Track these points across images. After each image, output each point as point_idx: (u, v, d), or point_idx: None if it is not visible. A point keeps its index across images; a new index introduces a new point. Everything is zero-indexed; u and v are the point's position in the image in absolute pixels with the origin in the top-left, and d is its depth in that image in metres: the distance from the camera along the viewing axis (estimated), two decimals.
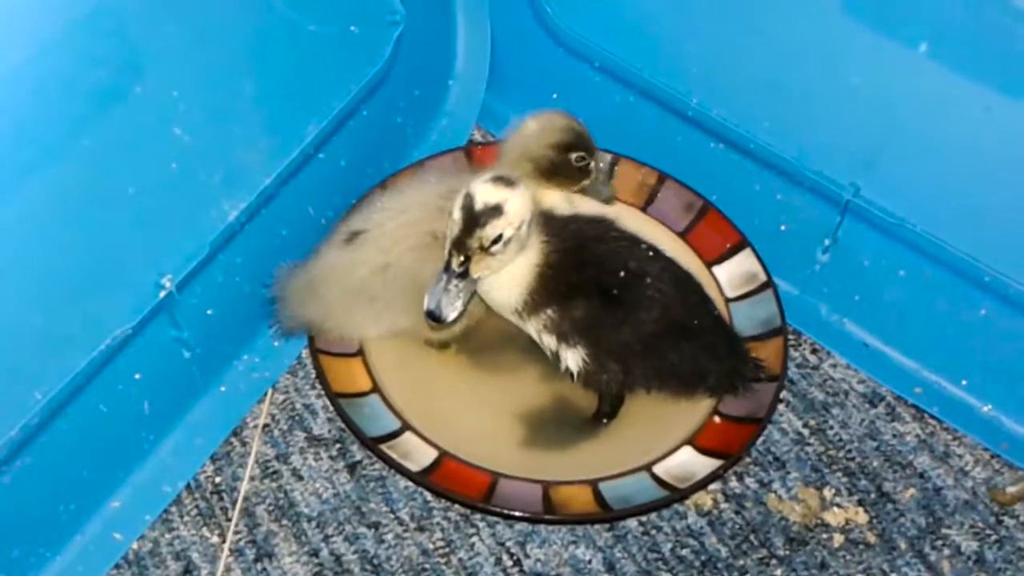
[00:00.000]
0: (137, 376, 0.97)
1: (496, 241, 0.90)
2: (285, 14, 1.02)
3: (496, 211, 0.90)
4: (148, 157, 0.93)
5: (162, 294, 0.94)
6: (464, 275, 0.91)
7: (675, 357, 0.99)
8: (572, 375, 0.99)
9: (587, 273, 0.97)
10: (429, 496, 1.03)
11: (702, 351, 1.00)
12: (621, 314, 0.97)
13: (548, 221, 0.99)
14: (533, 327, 0.99)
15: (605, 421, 1.04)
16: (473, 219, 0.89)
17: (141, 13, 0.91)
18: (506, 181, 0.91)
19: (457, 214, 0.90)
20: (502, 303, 0.98)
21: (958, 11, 0.95)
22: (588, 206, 1.06)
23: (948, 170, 1.01)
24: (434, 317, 0.91)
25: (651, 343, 0.98)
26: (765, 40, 1.08)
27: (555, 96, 1.26)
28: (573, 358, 0.98)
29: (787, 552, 1.00)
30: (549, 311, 0.97)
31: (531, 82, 1.29)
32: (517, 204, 0.91)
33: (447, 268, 0.91)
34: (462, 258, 0.91)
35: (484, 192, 0.90)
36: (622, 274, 0.97)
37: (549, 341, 0.99)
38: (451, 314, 0.91)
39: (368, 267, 1.01)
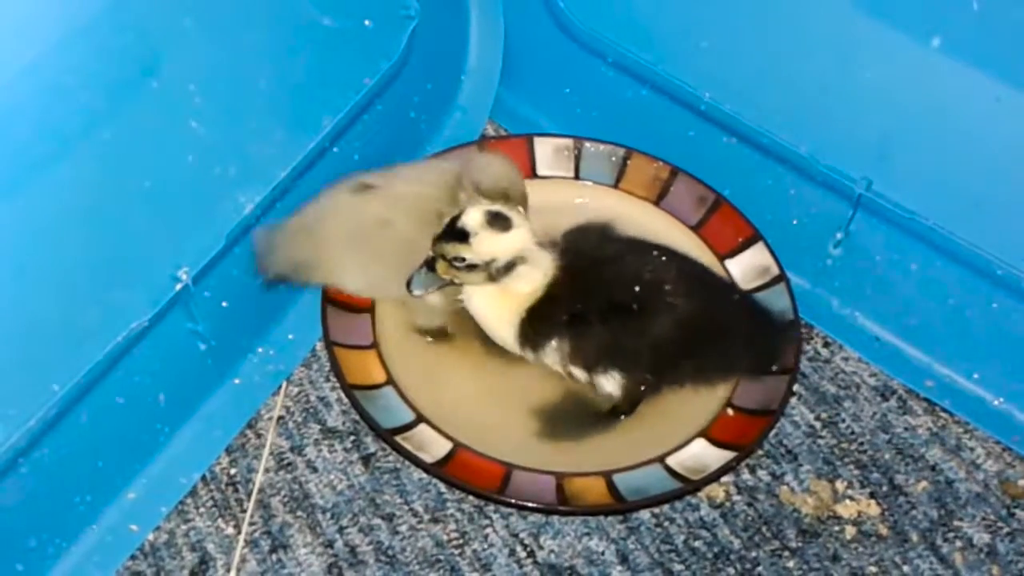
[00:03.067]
0: (153, 368, 0.97)
1: (458, 260, 0.97)
2: (300, 9, 1.02)
3: (464, 237, 0.96)
4: (165, 151, 0.94)
5: (178, 287, 0.94)
6: (432, 268, 0.99)
7: (706, 352, 1.01)
8: (614, 397, 1.02)
9: (600, 297, 0.99)
10: (443, 488, 1.03)
11: (732, 340, 1.01)
12: (645, 327, 0.99)
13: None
14: (551, 362, 1.02)
15: (623, 417, 1.04)
16: (449, 231, 0.97)
17: (159, 8, 0.91)
18: (496, 221, 0.97)
19: (446, 218, 0.98)
20: (503, 341, 1.03)
21: (969, 5, 0.95)
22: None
23: (960, 164, 1.01)
24: (408, 288, 1.00)
25: (680, 346, 0.99)
26: (777, 35, 1.09)
27: (568, 91, 1.27)
28: (610, 384, 1.01)
29: (799, 544, 1.00)
30: (554, 342, 1.00)
31: (544, 77, 1.29)
32: (485, 244, 0.97)
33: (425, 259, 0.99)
34: (431, 254, 0.98)
35: (471, 216, 0.97)
36: (637, 288, 0.99)
37: (579, 374, 1.02)
38: (416, 292, 1.01)
39: (370, 217, 1.04)
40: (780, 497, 1.03)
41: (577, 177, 1.21)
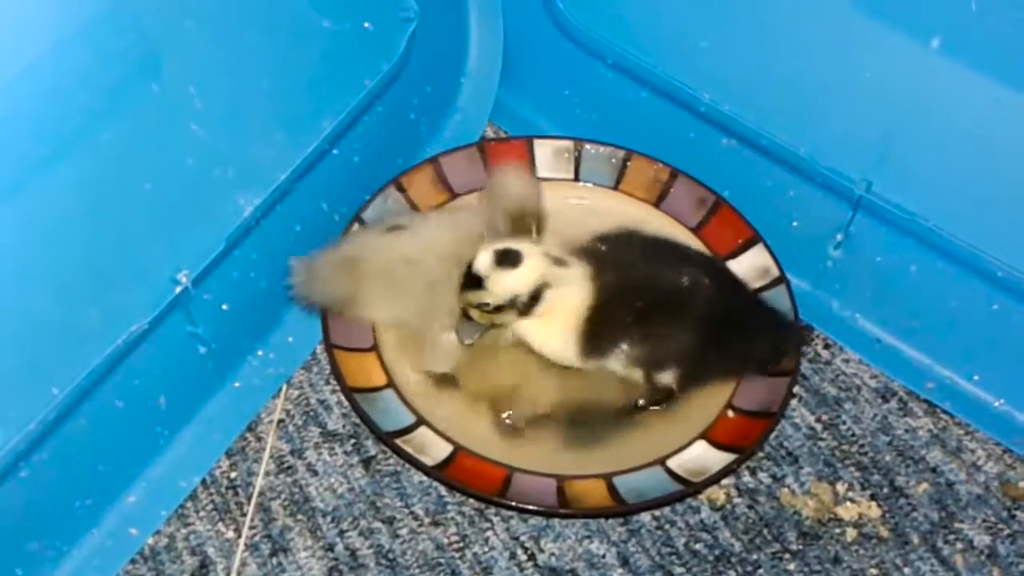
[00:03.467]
0: (153, 371, 0.97)
1: (483, 305, 0.99)
2: (300, 11, 1.02)
3: (478, 283, 0.98)
4: (165, 153, 0.93)
5: (178, 289, 0.94)
6: (469, 316, 1.00)
7: (733, 341, 1.03)
8: (670, 389, 1.04)
9: (651, 296, 1.01)
10: (443, 491, 1.03)
11: (750, 333, 1.04)
12: (693, 323, 1.01)
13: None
14: (615, 367, 1.03)
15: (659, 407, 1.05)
16: (467, 279, 0.99)
17: (159, 10, 0.91)
18: (505, 259, 0.98)
19: (462, 271, 0.99)
20: (567, 361, 1.03)
21: (969, 5, 0.95)
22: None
23: (960, 165, 1.01)
24: (459, 339, 1.02)
25: (716, 339, 1.01)
26: (777, 36, 1.09)
27: (567, 92, 1.27)
28: (667, 378, 1.03)
29: (800, 546, 1.00)
30: (624, 345, 1.01)
31: (543, 79, 1.29)
32: (500, 285, 0.98)
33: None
34: (463, 306, 1.00)
35: (480, 261, 0.98)
36: (683, 283, 1.01)
37: (637, 375, 1.03)
38: (467, 341, 1.02)
39: (396, 253, 1.05)
40: (781, 499, 1.03)
41: (577, 179, 1.20)
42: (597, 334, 1.01)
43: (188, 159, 0.95)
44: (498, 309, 0.99)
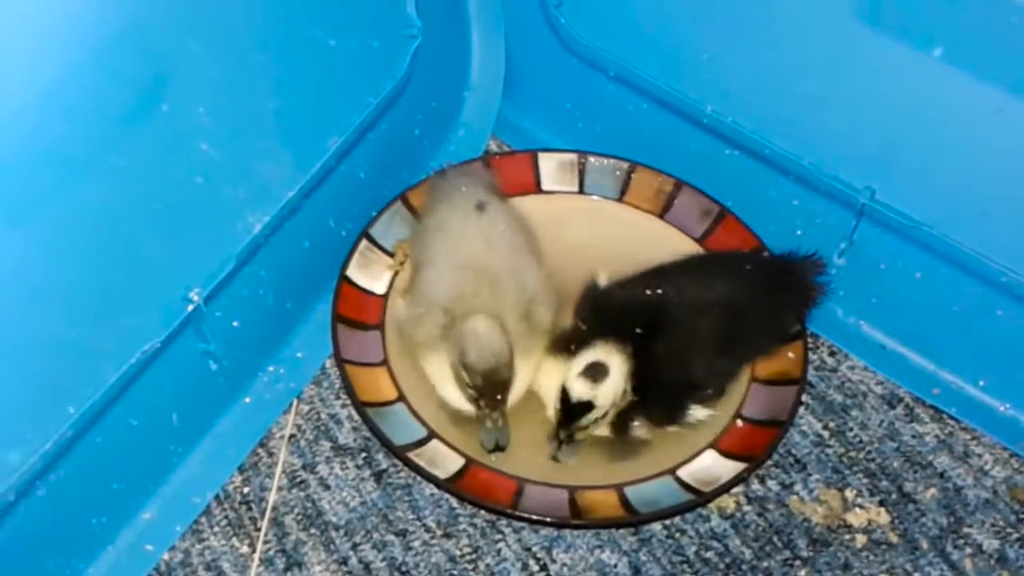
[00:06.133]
0: (166, 389, 0.98)
1: (597, 422, 1.00)
2: (306, 31, 1.03)
3: (588, 406, 0.98)
4: (175, 173, 0.95)
5: (190, 308, 0.95)
6: (571, 440, 1.01)
7: (753, 327, 1.05)
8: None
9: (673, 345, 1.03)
10: (455, 503, 1.04)
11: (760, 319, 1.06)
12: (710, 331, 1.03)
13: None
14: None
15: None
16: (570, 412, 0.99)
17: (167, 33, 0.91)
18: (598, 371, 0.98)
19: (558, 405, 0.99)
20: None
21: (969, 15, 0.96)
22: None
23: (963, 172, 1.02)
24: (557, 459, 1.02)
25: (736, 339, 1.05)
26: (778, 47, 1.09)
27: (569, 105, 1.28)
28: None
29: (810, 553, 1.01)
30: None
31: (546, 92, 1.30)
32: (608, 396, 0.99)
33: (556, 436, 1.01)
34: (569, 434, 1.00)
35: (578, 389, 0.98)
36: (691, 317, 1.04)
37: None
38: (571, 461, 1.02)
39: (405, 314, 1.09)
40: (790, 507, 1.04)
41: (582, 191, 1.21)
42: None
43: (197, 178, 0.96)
44: (601, 416, 1.00)
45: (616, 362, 0.99)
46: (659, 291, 1.04)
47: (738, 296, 1.04)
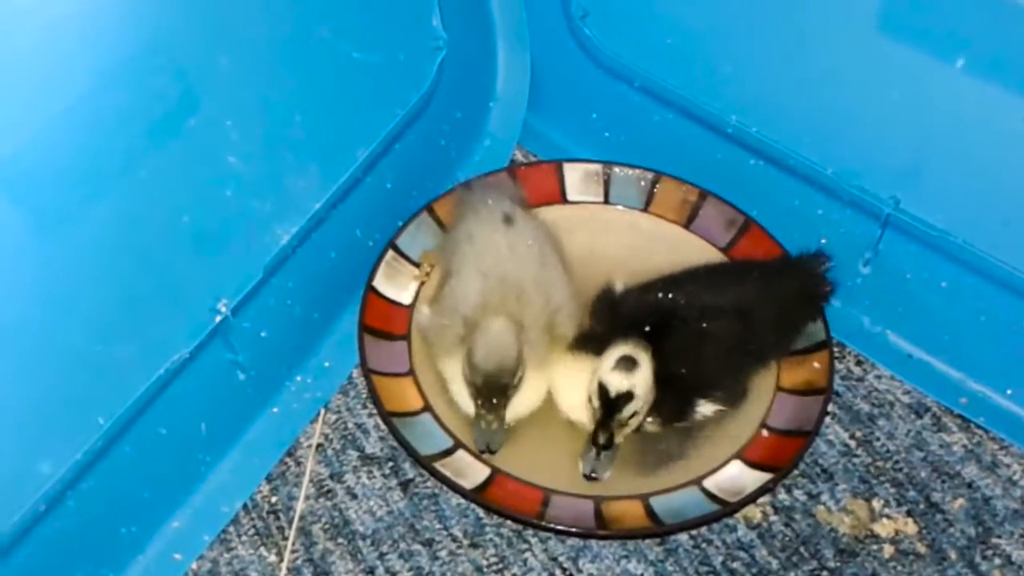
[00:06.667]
0: (195, 399, 0.99)
1: (635, 415, 1.00)
2: (332, 44, 1.04)
3: (628, 396, 0.99)
4: (203, 185, 0.96)
5: (217, 319, 0.96)
6: (610, 445, 1.00)
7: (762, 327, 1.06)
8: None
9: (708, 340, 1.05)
10: (481, 512, 1.04)
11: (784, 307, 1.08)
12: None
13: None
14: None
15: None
16: (610, 406, 0.99)
17: (195, 48, 0.93)
18: (631, 362, 0.99)
19: (596, 402, 0.99)
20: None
21: (991, 26, 0.96)
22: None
23: (987, 181, 1.02)
24: (592, 478, 1.01)
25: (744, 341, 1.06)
26: (802, 57, 1.10)
27: (595, 116, 1.28)
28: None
29: (838, 564, 1.01)
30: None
31: (572, 102, 1.30)
32: (645, 384, 1.00)
33: (595, 441, 1.00)
34: (608, 434, 1.00)
35: (616, 381, 0.98)
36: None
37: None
38: (605, 476, 1.01)
39: (428, 321, 1.10)
40: (817, 517, 1.04)
41: (607, 202, 1.22)
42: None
43: (226, 191, 0.97)
44: (639, 410, 1.00)
45: (643, 356, 1.00)
46: (670, 295, 1.06)
47: (746, 299, 1.06)
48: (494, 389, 1.01)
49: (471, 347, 1.01)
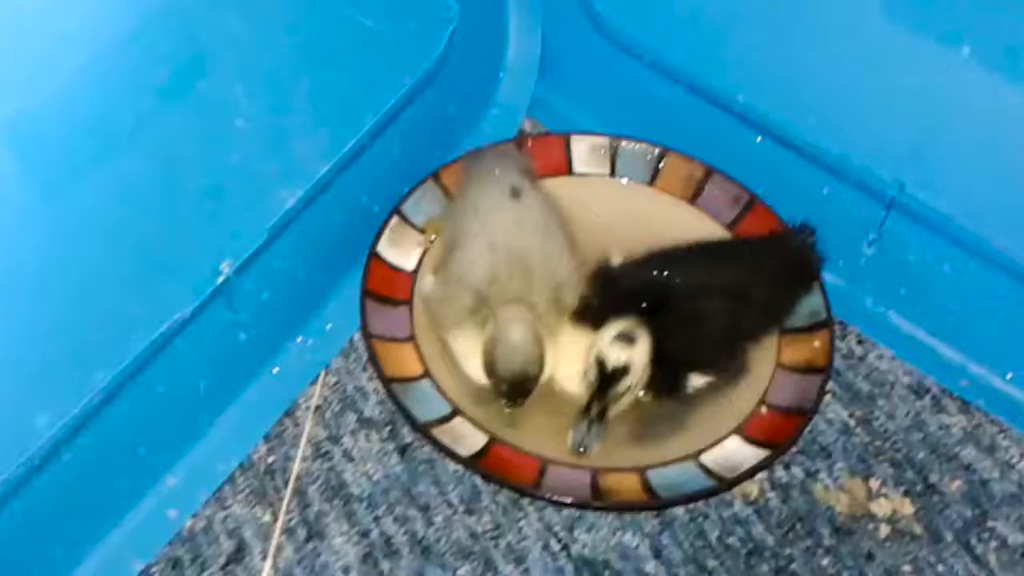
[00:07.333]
0: (194, 358, 0.99)
1: (631, 389, 1.01)
2: (343, 12, 1.04)
3: (624, 370, 0.99)
4: (210, 148, 0.95)
5: (220, 279, 0.96)
6: (602, 417, 1.01)
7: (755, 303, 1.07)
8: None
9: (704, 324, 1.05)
10: (478, 479, 1.04)
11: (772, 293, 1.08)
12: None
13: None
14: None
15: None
16: (606, 379, 1.00)
17: (205, 11, 0.93)
18: (628, 338, 1.00)
19: (592, 375, 1.00)
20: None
21: (997, 14, 0.96)
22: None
23: (992, 167, 1.01)
24: (580, 452, 1.01)
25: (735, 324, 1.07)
26: (811, 38, 1.09)
27: (604, 89, 1.28)
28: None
29: (834, 541, 1.01)
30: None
31: (581, 76, 1.30)
32: (641, 359, 1.00)
33: (587, 413, 1.00)
34: (602, 407, 1.00)
35: (613, 354, 0.99)
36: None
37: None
38: (593, 448, 1.01)
39: (432, 294, 1.11)
40: (814, 494, 1.04)
41: (613, 175, 1.22)
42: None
43: (233, 154, 0.97)
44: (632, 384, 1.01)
45: (641, 332, 1.00)
46: (664, 272, 1.06)
47: (737, 276, 1.07)
48: (521, 392, 1.02)
49: (493, 356, 1.01)
